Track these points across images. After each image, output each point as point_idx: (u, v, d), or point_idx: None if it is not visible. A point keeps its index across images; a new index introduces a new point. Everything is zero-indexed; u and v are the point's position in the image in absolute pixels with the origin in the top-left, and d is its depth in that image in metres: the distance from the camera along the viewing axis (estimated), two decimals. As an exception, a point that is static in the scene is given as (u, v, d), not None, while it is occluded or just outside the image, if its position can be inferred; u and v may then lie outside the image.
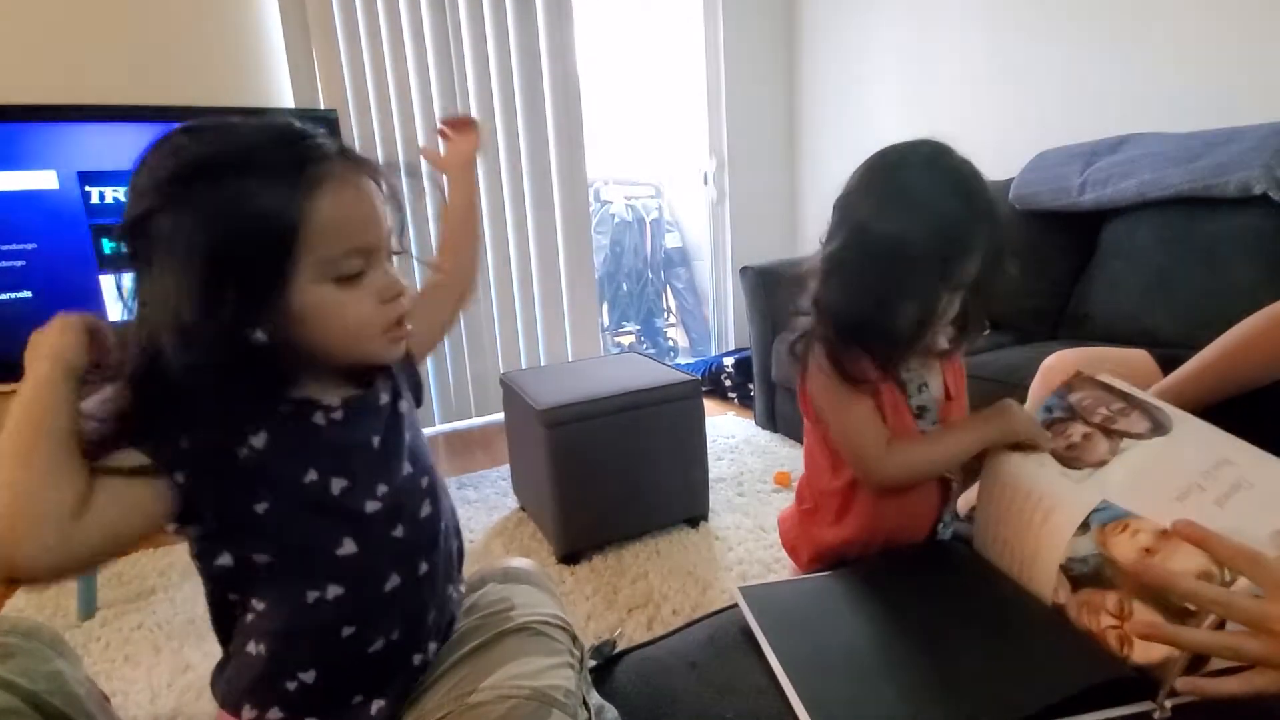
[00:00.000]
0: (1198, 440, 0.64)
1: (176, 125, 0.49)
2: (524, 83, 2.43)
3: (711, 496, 1.77)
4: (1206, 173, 1.49)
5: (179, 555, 1.67)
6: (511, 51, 2.39)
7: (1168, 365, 0.97)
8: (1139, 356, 1.06)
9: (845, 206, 0.70)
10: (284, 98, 2.18)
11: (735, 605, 0.68)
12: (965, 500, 1.04)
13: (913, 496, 0.76)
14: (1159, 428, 0.66)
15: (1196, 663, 0.50)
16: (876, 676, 0.55)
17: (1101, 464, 0.64)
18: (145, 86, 2.00)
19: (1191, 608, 0.50)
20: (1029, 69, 2.12)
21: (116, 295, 0.50)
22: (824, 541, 0.79)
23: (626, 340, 3.69)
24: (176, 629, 1.39)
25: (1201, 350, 0.91)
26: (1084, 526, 0.60)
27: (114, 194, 1.83)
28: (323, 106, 2.18)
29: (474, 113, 2.38)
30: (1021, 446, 0.70)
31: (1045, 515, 0.64)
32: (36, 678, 0.58)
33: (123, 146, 1.82)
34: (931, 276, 0.65)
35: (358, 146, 2.08)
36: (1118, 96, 1.91)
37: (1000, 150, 2.15)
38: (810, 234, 0.74)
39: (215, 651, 0.57)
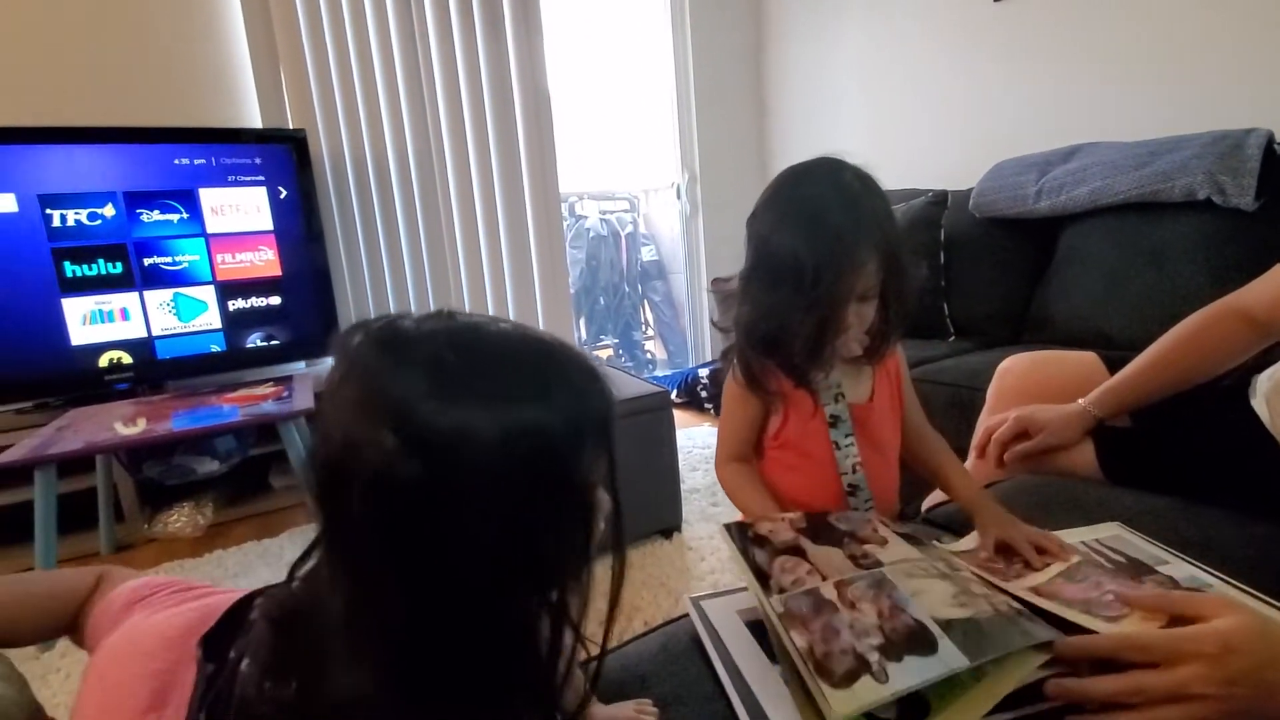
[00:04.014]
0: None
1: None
2: (494, 99, 2.44)
3: (685, 507, 1.77)
4: (1153, 179, 1.54)
5: (144, 582, 1.64)
6: (481, 68, 2.41)
7: (1115, 366, 1.00)
8: (1088, 359, 1.09)
9: (752, 224, 0.73)
10: (252, 117, 2.18)
11: (688, 615, 0.69)
12: (929, 500, 1.07)
13: (813, 488, 0.79)
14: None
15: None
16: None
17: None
18: (108, 107, 1.99)
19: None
20: (985, 83, 2.18)
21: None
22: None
23: (605, 354, 3.69)
24: (139, 657, 1.36)
25: (1139, 355, 0.94)
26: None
27: (75, 216, 1.82)
28: (291, 125, 2.18)
29: (444, 129, 2.39)
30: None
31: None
32: None
33: (84, 169, 1.81)
34: (827, 289, 0.67)
35: (328, 166, 2.05)
36: (1070, 108, 1.97)
37: (960, 161, 2.21)
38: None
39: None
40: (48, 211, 1.77)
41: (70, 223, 1.80)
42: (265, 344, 2.09)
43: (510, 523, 0.36)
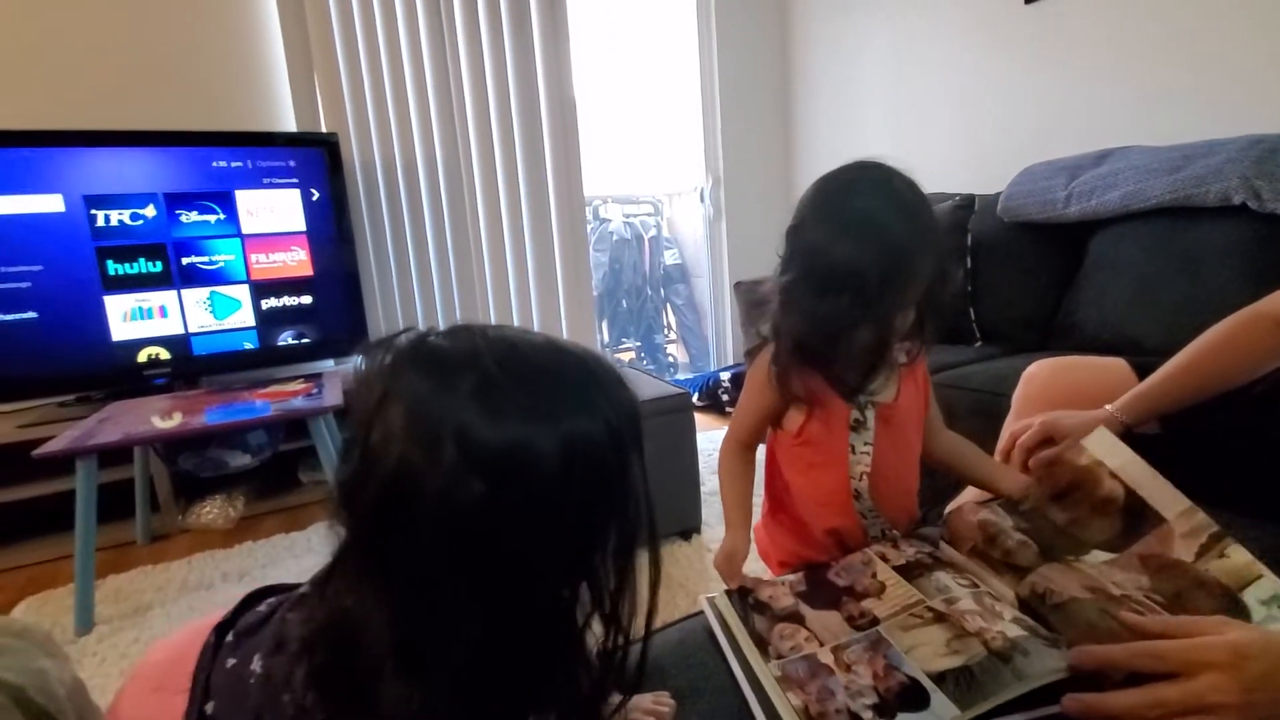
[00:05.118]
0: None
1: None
2: (521, 104, 2.48)
3: (705, 509, 1.77)
4: (1187, 184, 1.51)
5: (176, 572, 1.69)
6: (509, 74, 2.45)
7: (1145, 372, 0.98)
8: (1116, 365, 1.07)
9: (799, 234, 0.70)
10: (286, 121, 2.24)
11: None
12: (953, 505, 1.05)
13: (829, 487, 0.78)
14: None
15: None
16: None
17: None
18: (150, 111, 2.06)
19: None
20: (1015, 86, 2.16)
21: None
22: (784, 543, 0.80)
23: (627, 357, 3.70)
24: (172, 643, 1.40)
25: (1171, 359, 0.92)
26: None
27: (119, 217, 1.89)
28: (324, 129, 2.24)
29: (471, 134, 2.43)
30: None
31: None
32: (23, 674, 0.60)
33: (128, 171, 1.88)
34: (885, 299, 0.65)
35: (358, 169, 2.09)
36: (1101, 111, 1.94)
37: (988, 164, 2.19)
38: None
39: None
40: (92, 212, 1.84)
41: (114, 223, 1.87)
42: (296, 342, 2.14)
43: (570, 531, 0.38)
